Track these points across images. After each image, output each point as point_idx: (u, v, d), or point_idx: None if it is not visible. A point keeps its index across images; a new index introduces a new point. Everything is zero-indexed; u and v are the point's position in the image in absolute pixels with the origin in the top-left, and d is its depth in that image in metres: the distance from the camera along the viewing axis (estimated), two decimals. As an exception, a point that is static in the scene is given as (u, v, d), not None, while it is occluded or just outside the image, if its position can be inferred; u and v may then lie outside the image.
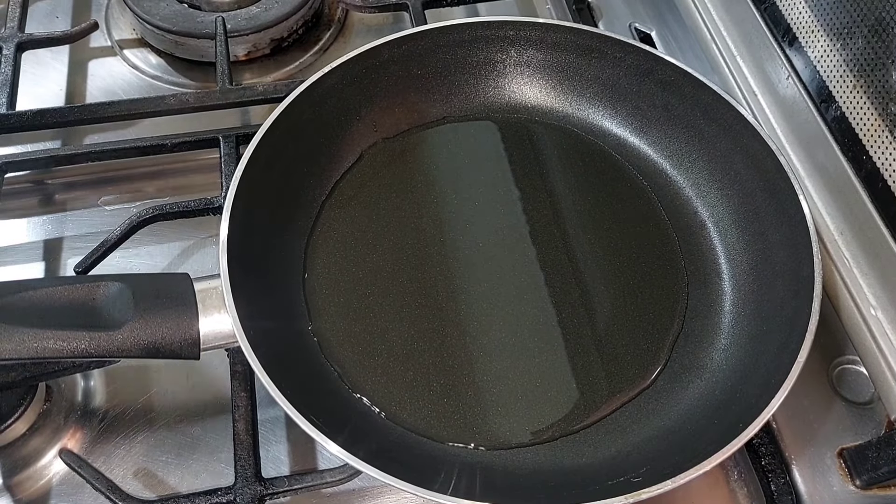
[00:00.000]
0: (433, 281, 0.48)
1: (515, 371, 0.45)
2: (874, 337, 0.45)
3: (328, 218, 0.51)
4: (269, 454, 0.45)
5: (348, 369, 0.45)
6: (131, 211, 0.51)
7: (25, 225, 0.54)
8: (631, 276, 0.49)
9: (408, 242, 0.50)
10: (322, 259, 0.49)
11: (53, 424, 0.45)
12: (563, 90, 0.56)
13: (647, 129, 0.54)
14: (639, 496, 0.35)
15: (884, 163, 0.43)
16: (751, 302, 0.47)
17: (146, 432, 0.46)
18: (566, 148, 0.55)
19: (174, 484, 0.44)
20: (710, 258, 0.50)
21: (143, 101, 0.56)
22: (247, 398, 0.43)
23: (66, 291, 0.37)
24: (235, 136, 0.54)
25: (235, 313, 0.39)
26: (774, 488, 0.43)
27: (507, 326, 0.47)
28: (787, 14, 0.51)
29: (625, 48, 0.53)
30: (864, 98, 0.44)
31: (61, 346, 0.36)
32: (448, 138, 0.55)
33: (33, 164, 0.54)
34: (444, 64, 0.55)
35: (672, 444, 0.42)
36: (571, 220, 0.52)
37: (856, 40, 0.44)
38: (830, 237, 0.48)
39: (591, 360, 0.46)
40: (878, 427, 0.46)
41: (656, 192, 0.53)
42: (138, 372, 0.48)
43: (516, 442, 0.43)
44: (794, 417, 0.46)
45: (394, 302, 0.47)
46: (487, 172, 0.54)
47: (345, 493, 0.44)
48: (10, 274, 0.52)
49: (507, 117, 0.56)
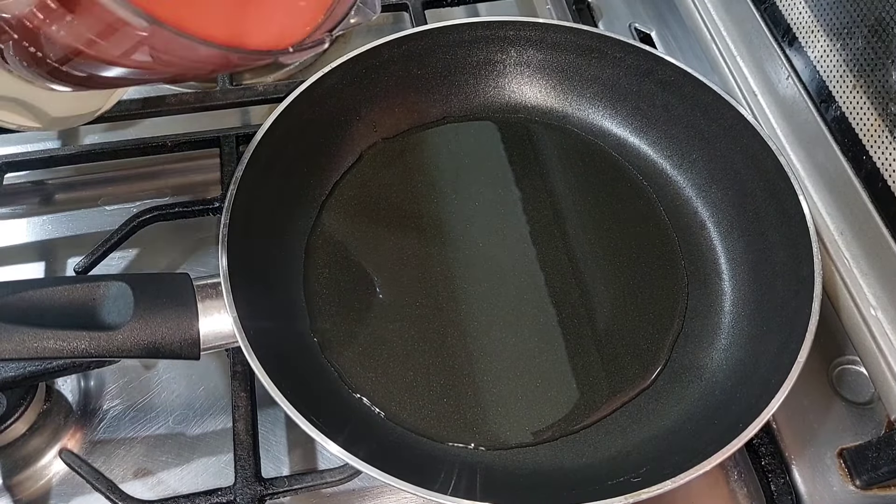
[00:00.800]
0: (433, 281, 0.48)
1: (515, 371, 0.45)
2: (874, 337, 0.45)
3: (328, 218, 0.51)
4: (269, 454, 0.45)
5: (348, 369, 0.45)
6: (131, 211, 0.51)
7: (25, 225, 0.54)
8: (631, 276, 0.49)
9: (408, 242, 0.50)
10: (322, 259, 0.49)
11: (53, 424, 0.45)
12: (563, 90, 0.56)
13: (647, 129, 0.54)
14: (639, 496, 0.35)
15: (884, 163, 0.43)
16: (751, 302, 0.47)
17: (146, 432, 0.46)
18: (566, 148, 0.55)
19: (174, 484, 0.44)
20: (710, 258, 0.50)
21: (143, 101, 0.56)
22: (247, 398, 0.43)
23: (66, 291, 0.37)
24: (235, 136, 0.54)
25: (235, 313, 0.39)
26: (774, 488, 0.43)
27: (507, 326, 0.47)
28: (787, 14, 0.51)
29: (625, 48, 0.53)
30: (864, 98, 0.44)
31: (61, 346, 0.36)
32: (448, 138, 0.55)
33: (33, 164, 0.54)
34: (444, 64, 0.55)
35: (672, 444, 0.42)
36: (571, 220, 0.52)
37: (856, 40, 0.44)
38: (830, 237, 0.48)
39: (591, 360, 0.46)
40: (878, 427, 0.46)
41: (656, 192, 0.53)
42: (138, 372, 0.48)
43: (516, 442, 0.43)
44: (794, 417, 0.46)
45: (394, 302, 0.47)
46: (487, 172, 0.54)
47: (345, 493, 0.44)
48: (10, 274, 0.52)
49: (507, 117, 0.56)
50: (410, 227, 0.51)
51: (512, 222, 0.51)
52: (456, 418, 0.43)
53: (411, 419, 0.43)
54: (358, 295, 0.48)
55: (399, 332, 0.46)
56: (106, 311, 0.37)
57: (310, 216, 0.51)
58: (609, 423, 0.44)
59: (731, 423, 0.39)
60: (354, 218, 0.51)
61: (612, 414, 0.44)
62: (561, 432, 0.43)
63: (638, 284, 0.49)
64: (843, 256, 0.47)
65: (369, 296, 0.48)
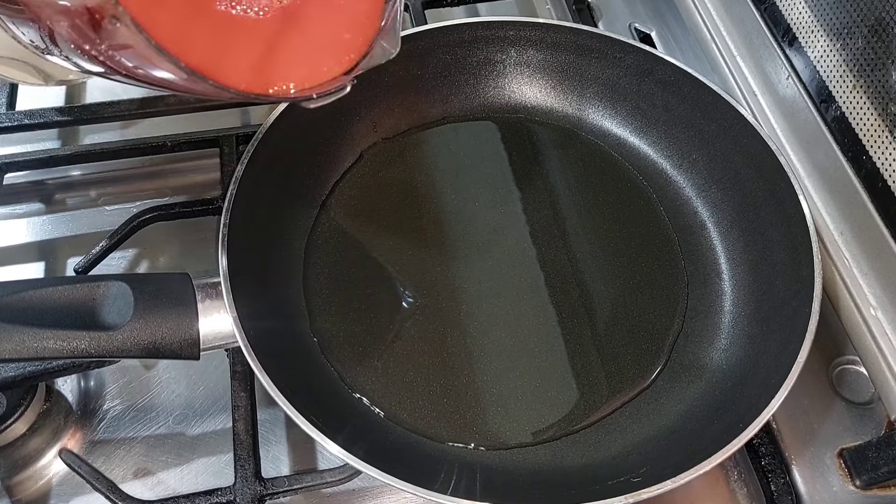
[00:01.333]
0: (433, 280, 0.48)
1: (515, 371, 0.45)
2: (874, 337, 0.45)
3: (328, 218, 0.51)
4: (269, 454, 0.45)
5: (348, 369, 0.45)
6: (131, 211, 0.51)
7: (25, 225, 0.54)
8: (631, 276, 0.49)
9: (407, 242, 0.50)
10: (322, 259, 0.49)
11: (53, 424, 0.45)
12: (563, 90, 0.56)
13: (647, 129, 0.54)
14: (639, 496, 0.35)
15: (884, 163, 0.43)
16: (751, 302, 0.47)
17: (146, 432, 0.46)
18: (566, 148, 0.55)
19: (174, 484, 0.44)
20: (710, 258, 0.50)
21: (143, 101, 0.56)
22: (247, 398, 0.43)
23: (66, 291, 0.37)
24: (235, 136, 0.54)
25: (235, 313, 0.39)
26: (774, 488, 0.43)
27: (507, 326, 0.47)
28: (787, 14, 0.51)
29: (625, 48, 0.53)
30: (864, 98, 0.44)
31: (61, 346, 0.36)
32: (448, 138, 0.55)
33: (33, 164, 0.54)
34: (444, 64, 0.55)
35: (672, 444, 0.42)
36: (571, 220, 0.52)
37: (856, 40, 0.44)
38: (830, 237, 0.48)
39: (591, 360, 0.46)
40: (877, 427, 0.46)
41: (656, 192, 0.53)
42: (138, 372, 0.48)
43: (516, 442, 0.43)
44: (794, 417, 0.46)
45: (393, 302, 0.47)
46: (487, 172, 0.54)
47: (345, 493, 0.44)
48: (10, 274, 0.52)
49: (507, 117, 0.56)
50: (410, 227, 0.51)
51: (511, 222, 0.51)
52: (456, 418, 0.43)
53: (411, 419, 0.43)
54: (358, 295, 0.48)
55: (399, 332, 0.46)
56: (106, 311, 0.37)
57: (310, 216, 0.51)
58: (609, 423, 0.44)
59: (731, 423, 0.39)
60: (354, 218, 0.51)
61: (612, 414, 0.44)
62: (561, 432, 0.43)
63: (638, 284, 0.49)
64: (843, 256, 0.47)
65: (369, 296, 0.48)
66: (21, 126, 0.54)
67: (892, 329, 0.44)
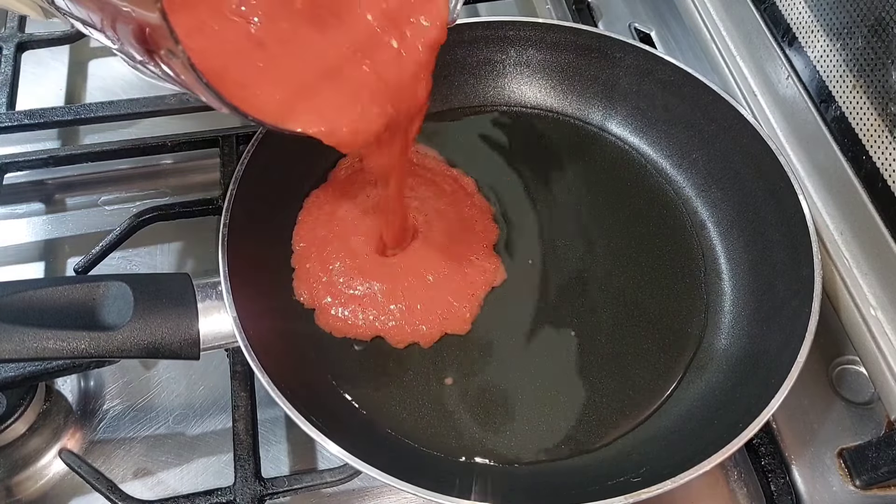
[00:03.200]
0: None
1: (526, 387, 0.44)
2: (874, 337, 0.45)
3: (328, 218, 0.51)
4: (269, 454, 0.45)
5: (349, 370, 0.45)
6: (131, 211, 0.51)
7: (25, 225, 0.54)
8: (643, 290, 0.49)
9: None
10: (322, 259, 0.49)
11: (53, 424, 0.45)
12: (563, 90, 0.56)
13: (647, 129, 0.54)
14: (639, 496, 0.35)
15: (884, 163, 0.43)
16: (751, 302, 0.47)
17: (146, 432, 0.46)
18: (566, 148, 0.55)
19: (174, 484, 0.44)
20: (710, 258, 0.50)
21: (143, 101, 0.56)
22: (247, 398, 0.43)
23: (66, 291, 0.37)
24: (235, 136, 0.54)
25: (235, 313, 0.39)
26: (774, 488, 0.43)
27: (515, 341, 0.46)
28: (787, 14, 0.51)
29: (625, 48, 0.53)
30: (864, 98, 0.44)
31: (61, 346, 0.36)
32: (448, 137, 0.55)
33: (33, 164, 0.54)
34: (444, 64, 0.55)
35: (672, 444, 0.42)
36: (572, 223, 0.51)
37: (856, 40, 0.44)
38: (830, 237, 0.48)
39: (606, 377, 0.45)
40: (877, 427, 0.46)
41: (656, 192, 0.53)
42: (138, 372, 0.48)
43: (528, 460, 0.42)
44: (794, 417, 0.46)
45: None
46: (487, 172, 0.54)
47: (345, 493, 0.44)
48: (10, 274, 0.52)
49: (507, 116, 0.56)
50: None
51: (511, 221, 0.51)
52: (462, 433, 0.43)
53: (413, 432, 0.43)
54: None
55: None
56: (106, 312, 0.37)
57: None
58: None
59: (731, 423, 0.39)
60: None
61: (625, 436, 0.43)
62: (573, 452, 0.42)
63: (653, 297, 0.48)
64: (843, 256, 0.47)
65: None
66: (21, 126, 0.54)
67: (892, 329, 0.44)
